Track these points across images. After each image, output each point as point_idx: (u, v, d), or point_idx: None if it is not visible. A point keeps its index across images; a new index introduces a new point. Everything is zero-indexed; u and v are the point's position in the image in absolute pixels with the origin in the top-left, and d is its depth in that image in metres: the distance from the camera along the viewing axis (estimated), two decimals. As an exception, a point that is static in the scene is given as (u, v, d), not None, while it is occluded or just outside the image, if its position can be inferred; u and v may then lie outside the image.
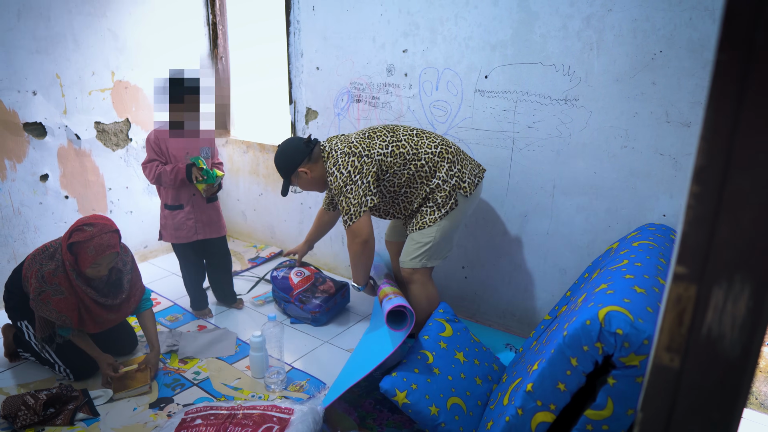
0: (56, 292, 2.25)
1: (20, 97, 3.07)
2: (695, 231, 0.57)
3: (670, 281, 0.59)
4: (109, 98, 3.51)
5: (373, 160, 2.37)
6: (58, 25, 3.17)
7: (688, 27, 2.12)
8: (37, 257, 2.35)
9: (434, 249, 2.46)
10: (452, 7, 2.71)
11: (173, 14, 3.78)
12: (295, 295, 3.04)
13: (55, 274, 2.26)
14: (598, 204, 2.52)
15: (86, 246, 2.23)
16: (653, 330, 1.40)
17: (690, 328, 0.59)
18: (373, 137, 2.44)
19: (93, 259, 2.23)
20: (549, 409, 1.60)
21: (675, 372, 0.61)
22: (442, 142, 2.46)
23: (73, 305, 2.29)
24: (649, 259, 1.84)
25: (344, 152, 2.38)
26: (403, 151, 2.40)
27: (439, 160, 2.41)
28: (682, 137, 2.24)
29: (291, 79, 3.58)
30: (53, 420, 2.19)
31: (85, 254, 2.23)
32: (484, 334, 2.92)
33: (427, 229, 2.43)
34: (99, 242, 2.24)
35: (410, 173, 2.41)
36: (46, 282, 2.25)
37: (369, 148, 2.39)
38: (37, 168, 3.22)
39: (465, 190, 2.41)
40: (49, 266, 2.28)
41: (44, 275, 2.26)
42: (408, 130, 2.50)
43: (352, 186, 2.33)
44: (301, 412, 2.04)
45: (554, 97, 2.51)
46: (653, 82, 2.25)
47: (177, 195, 2.85)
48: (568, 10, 2.38)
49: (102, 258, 2.25)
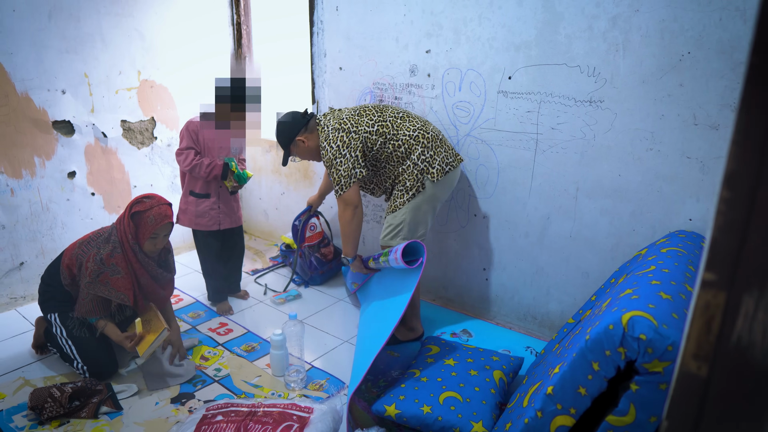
0: (114, 272, 2.41)
1: (50, 96, 3.14)
2: (725, 237, 0.56)
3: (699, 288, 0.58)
4: (135, 97, 3.57)
5: (360, 136, 2.56)
6: (87, 25, 3.23)
7: (717, 28, 2.08)
8: (90, 243, 2.48)
9: (406, 230, 2.62)
10: (476, 8, 2.70)
11: (198, 14, 3.82)
12: (303, 246, 3.46)
13: (113, 255, 2.42)
14: (623, 207, 2.49)
15: (147, 215, 2.42)
16: (678, 336, 1.38)
17: (719, 335, 0.58)
18: (362, 115, 2.63)
19: (153, 228, 2.42)
20: (569, 413, 1.58)
21: (702, 380, 0.60)
22: (422, 128, 2.62)
23: (129, 284, 2.45)
24: (677, 266, 1.81)
25: (334, 128, 2.58)
26: (385, 131, 2.59)
27: (414, 143, 2.58)
28: (710, 140, 2.20)
29: (314, 79, 3.59)
30: (78, 412, 2.23)
31: (146, 223, 2.42)
32: (504, 336, 2.90)
33: (398, 211, 2.61)
34: (158, 212, 2.44)
35: (388, 152, 2.61)
36: (104, 264, 2.40)
37: (357, 124, 2.58)
38: (65, 165, 3.29)
39: (433, 175, 2.57)
40: (106, 249, 2.42)
41: (103, 258, 2.40)
42: (395, 111, 2.68)
43: (341, 159, 2.52)
44: (321, 411, 2.05)
45: (579, 98, 2.49)
46: (681, 83, 2.21)
47: (206, 185, 2.97)
48: (594, 11, 2.35)
49: (160, 228, 2.44)
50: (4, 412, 2.26)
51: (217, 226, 3.03)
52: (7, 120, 2.97)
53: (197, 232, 3.07)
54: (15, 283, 3.17)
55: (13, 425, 2.18)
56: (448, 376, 2.24)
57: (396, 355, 2.70)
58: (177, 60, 3.74)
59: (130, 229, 2.44)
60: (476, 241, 3.05)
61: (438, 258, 3.26)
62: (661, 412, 1.41)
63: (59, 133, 3.23)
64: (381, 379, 2.49)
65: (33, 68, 3.03)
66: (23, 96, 3.02)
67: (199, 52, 3.86)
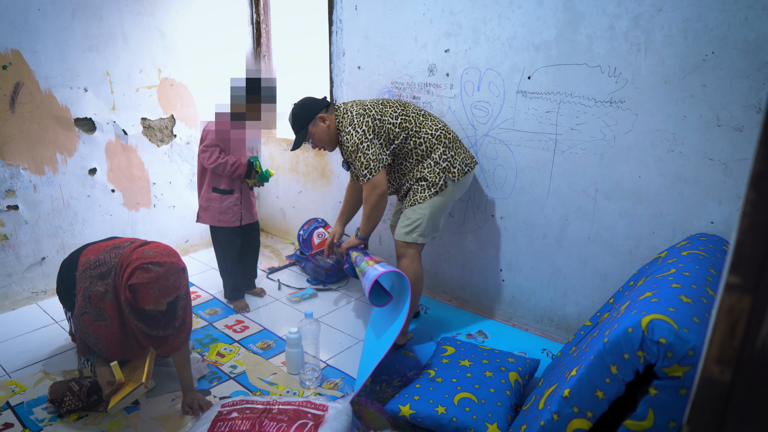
0: (98, 318, 2.06)
1: (72, 94, 3.19)
2: (751, 240, 0.54)
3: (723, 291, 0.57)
4: (155, 95, 3.61)
5: (384, 125, 2.53)
6: (109, 23, 3.27)
7: (743, 27, 2.04)
8: (88, 270, 2.10)
9: (424, 225, 2.59)
10: (496, 7, 2.68)
11: (218, 13, 3.86)
12: (313, 254, 3.54)
13: (102, 299, 2.05)
14: (642, 209, 2.45)
15: (149, 287, 1.96)
16: (699, 341, 1.36)
17: (743, 340, 0.56)
18: (386, 105, 2.60)
19: (155, 300, 1.98)
20: (586, 417, 1.56)
21: (725, 386, 0.59)
22: (443, 128, 2.64)
23: (113, 336, 2.08)
24: (699, 269, 1.78)
25: (359, 113, 2.54)
26: (408, 126, 2.57)
27: (436, 143, 2.58)
28: (734, 142, 2.16)
29: (332, 78, 3.60)
30: (96, 407, 2.26)
31: (147, 295, 1.97)
32: (520, 338, 2.88)
33: (418, 205, 2.58)
34: (164, 284, 1.97)
35: (408, 148, 2.59)
36: (91, 303, 2.05)
37: (382, 114, 2.55)
38: (86, 162, 3.34)
39: (454, 174, 2.57)
40: (97, 287, 2.05)
41: (91, 296, 2.05)
42: (417, 109, 2.67)
43: (368, 144, 2.48)
44: (336, 409, 2.05)
45: (599, 99, 2.46)
46: (704, 84, 2.18)
47: (230, 181, 2.98)
48: (616, 10, 2.33)
49: (165, 300, 2.03)
50: (25, 404, 2.29)
51: (239, 222, 3.06)
52: (31, 117, 3.03)
53: (218, 230, 3.07)
54: (36, 278, 3.23)
55: (34, 417, 2.21)
56: (464, 377, 2.24)
57: (411, 355, 2.70)
58: (197, 58, 3.77)
59: (125, 293, 1.99)
60: (493, 241, 3.03)
61: (454, 258, 3.25)
62: (680, 417, 1.38)
63: (81, 130, 3.28)
64: (396, 379, 2.49)
65: (57, 66, 3.08)
66: (47, 93, 3.07)
67: (218, 50, 3.90)
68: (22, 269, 3.15)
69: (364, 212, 2.64)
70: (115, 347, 2.11)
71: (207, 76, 3.85)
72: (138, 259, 2.00)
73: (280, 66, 4.21)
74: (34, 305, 3.20)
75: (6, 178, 3.00)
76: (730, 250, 0.57)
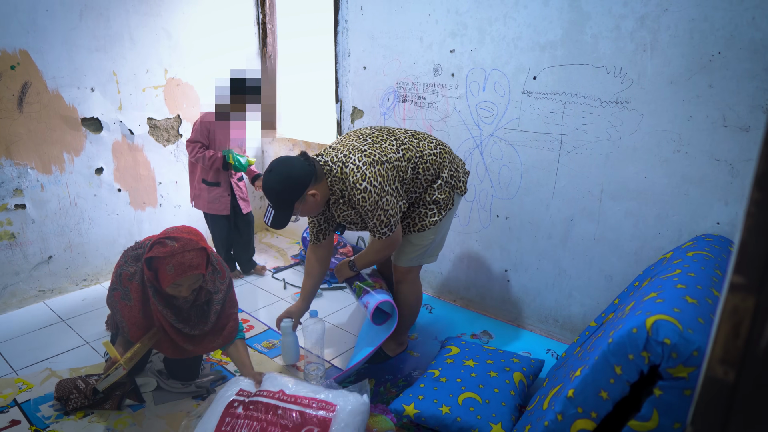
0: (125, 297, 2.09)
1: (79, 93, 3.21)
2: (755, 239, 0.54)
3: (727, 291, 0.57)
4: (161, 95, 3.62)
5: (393, 164, 2.20)
6: (116, 24, 3.29)
7: (750, 27, 2.04)
8: (129, 250, 2.18)
9: (431, 248, 2.47)
10: (501, 7, 2.68)
11: (224, 13, 3.87)
12: None
13: (131, 279, 2.08)
14: (648, 210, 2.45)
15: (165, 263, 1.95)
16: (704, 341, 1.35)
17: (747, 340, 0.56)
18: (379, 142, 2.26)
19: (173, 279, 1.95)
20: (590, 417, 1.56)
21: (729, 386, 0.59)
22: (438, 143, 2.39)
23: (134, 318, 2.10)
24: (704, 270, 1.77)
25: (366, 162, 2.15)
26: (411, 155, 2.27)
27: (441, 161, 2.33)
28: (740, 142, 2.15)
29: (338, 78, 3.61)
30: (102, 404, 2.27)
31: (165, 272, 1.95)
32: (525, 338, 2.88)
33: (427, 231, 2.37)
34: (180, 260, 1.95)
35: (418, 177, 2.28)
36: (121, 282, 2.10)
37: (383, 153, 2.21)
38: (93, 161, 3.35)
39: (461, 189, 2.41)
40: (129, 267, 2.10)
41: (122, 275, 2.10)
42: (402, 131, 2.37)
43: (387, 197, 2.15)
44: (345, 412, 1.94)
45: (604, 99, 2.45)
46: (710, 84, 2.17)
47: (216, 174, 3.27)
48: (622, 11, 2.32)
49: (183, 279, 1.98)
50: (32, 401, 2.31)
51: (228, 211, 3.37)
52: (39, 117, 3.04)
53: (209, 215, 3.41)
54: (43, 276, 3.25)
55: (40, 415, 2.23)
56: (468, 377, 2.24)
57: (416, 355, 2.70)
58: (203, 58, 3.78)
59: (147, 272, 2.03)
60: (498, 242, 3.03)
61: (459, 259, 3.24)
62: (685, 418, 1.38)
63: (88, 129, 3.30)
64: (400, 379, 2.49)
65: (64, 66, 3.10)
66: (54, 93, 3.09)
67: (224, 50, 3.91)
68: (29, 267, 3.17)
69: (367, 255, 2.40)
70: (136, 330, 2.12)
71: (213, 76, 3.86)
72: (159, 235, 2.04)
73: (285, 66, 4.22)
74: (41, 303, 3.22)
75: (14, 177, 3.02)
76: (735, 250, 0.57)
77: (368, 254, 2.39)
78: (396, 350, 2.69)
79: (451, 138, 3.06)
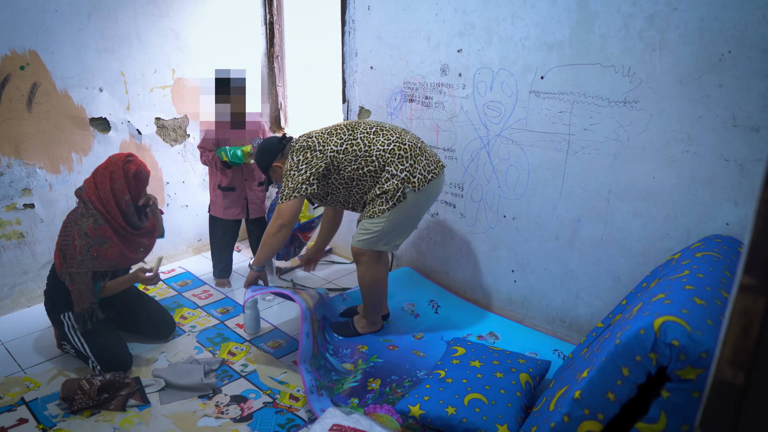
0: (103, 243, 2.43)
1: (87, 94, 3.22)
2: (765, 240, 0.53)
3: (736, 292, 0.56)
4: (169, 95, 3.63)
5: (326, 155, 2.54)
6: (124, 24, 3.30)
7: (761, 25, 2.02)
8: (67, 227, 2.47)
9: (380, 236, 2.60)
10: (509, 7, 2.67)
11: (232, 14, 3.88)
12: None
13: (96, 227, 2.43)
14: (656, 210, 2.43)
15: (142, 174, 2.57)
16: (713, 343, 1.34)
17: (757, 342, 0.55)
18: (332, 134, 2.61)
19: (146, 183, 2.62)
20: (597, 419, 1.55)
21: (739, 388, 0.58)
22: (398, 140, 2.58)
23: (119, 251, 2.48)
24: (713, 271, 1.76)
25: (301, 146, 2.58)
26: (356, 149, 2.56)
27: (390, 157, 2.54)
28: (750, 142, 2.13)
29: (345, 78, 3.61)
30: (107, 405, 2.28)
31: (141, 180, 2.57)
32: (531, 339, 2.86)
33: (376, 218, 2.57)
34: (145, 168, 2.63)
35: (362, 170, 2.57)
36: (90, 236, 2.41)
37: (325, 144, 2.57)
38: (100, 161, 3.33)
39: (414, 185, 2.52)
40: (87, 222, 2.43)
41: (87, 231, 2.41)
42: (368, 127, 2.64)
43: (296, 172, 2.53)
44: None
45: (613, 99, 2.44)
46: (720, 84, 2.15)
47: (230, 179, 3.31)
48: (630, 9, 2.31)
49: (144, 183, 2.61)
50: (39, 400, 2.33)
51: (245, 215, 3.42)
52: (47, 117, 3.06)
53: (217, 219, 3.41)
54: (52, 275, 3.26)
55: (48, 413, 2.24)
56: (474, 378, 2.23)
57: (422, 355, 2.69)
58: (210, 59, 3.79)
59: (115, 190, 2.48)
60: (505, 242, 3.02)
61: (466, 259, 3.24)
62: (693, 420, 1.37)
63: (96, 129, 3.31)
64: (406, 379, 2.49)
65: (72, 66, 3.12)
66: (62, 93, 3.10)
67: (232, 50, 3.91)
68: (37, 267, 3.19)
69: (262, 240, 2.66)
70: (125, 258, 2.53)
71: (220, 76, 3.87)
72: (108, 165, 2.54)
73: (293, 65, 4.23)
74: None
75: (23, 176, 3.03)
76: (744, 251, 0.56)
77: (262, 244, 2.66)
78: (366, 329, 2.88)
79: (458, 138, 3.05)
